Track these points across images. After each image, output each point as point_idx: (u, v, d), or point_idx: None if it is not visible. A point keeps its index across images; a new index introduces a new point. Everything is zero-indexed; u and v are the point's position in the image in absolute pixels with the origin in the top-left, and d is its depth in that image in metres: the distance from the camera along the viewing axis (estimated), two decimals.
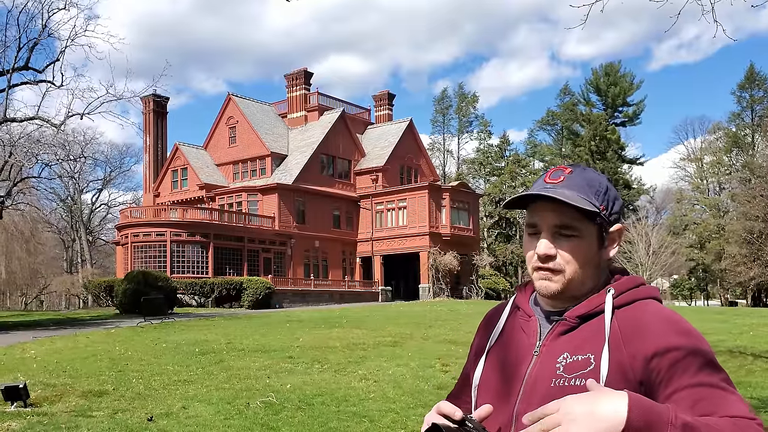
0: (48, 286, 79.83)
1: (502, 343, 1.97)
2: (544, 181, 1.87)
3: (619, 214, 1.89)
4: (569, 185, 1.83)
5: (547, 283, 1.84)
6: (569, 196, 1.79)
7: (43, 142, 31.48)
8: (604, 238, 1.86)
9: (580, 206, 1.77)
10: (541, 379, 1.81)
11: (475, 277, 62.66)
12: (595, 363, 1.74)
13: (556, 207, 1.80)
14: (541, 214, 1.85)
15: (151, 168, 67.04)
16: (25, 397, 11.01)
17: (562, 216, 1.82)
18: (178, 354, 18.38)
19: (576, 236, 1.82)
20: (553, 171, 1.89)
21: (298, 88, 67.83)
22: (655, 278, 76.52)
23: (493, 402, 1.86)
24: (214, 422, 9.87)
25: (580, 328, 1.83)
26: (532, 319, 1.93)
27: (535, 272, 1.87)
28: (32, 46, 32.11)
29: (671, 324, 1.75)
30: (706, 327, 25.23)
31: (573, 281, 1.83)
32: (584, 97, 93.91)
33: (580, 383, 1.71)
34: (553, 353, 1.82)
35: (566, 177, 1.85)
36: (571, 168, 1.89)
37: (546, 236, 1.84)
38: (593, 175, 1.88)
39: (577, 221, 1.81)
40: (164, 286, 40.59)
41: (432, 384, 13.18)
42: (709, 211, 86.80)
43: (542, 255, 1.83)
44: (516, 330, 1.96)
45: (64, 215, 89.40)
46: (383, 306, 46.58)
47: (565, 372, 1.77)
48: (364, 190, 64.26)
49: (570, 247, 1.83)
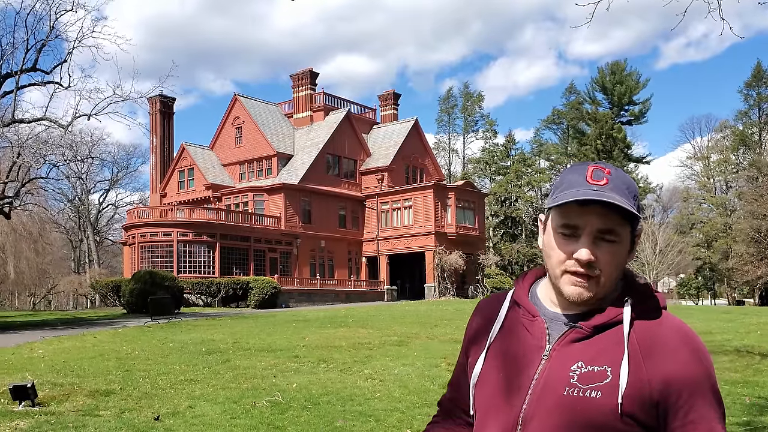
0: (56, 286, 80.00)
1: (503, 339, 1.91)
2: (587, 182, 1.76)
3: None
4: (614, 188, 1.74)
5: (581, 290, 1.77)
6: (621, 200, 1.72)
7: (51, 142, 31.57)
8: (634, 241, 1.82)
9: (633, 211, 1.73)
10: (552, 385, 1.76)
11: (480, 276, 62.61)
12: (613, 376, 1.70)
13: (603, 211, 1.73)
14: (585, 218, 1.75)
15: (157, 168, 67.18)
16: (33, 396, 11.06)
17: (607, 220, 1.74)
18: (184, 353, 18.43)
19: (617, 242, 1.76)
20: (593, 170, 1.78)
21: (303, 88, 67.88)
22: (662, 277, 76.49)
23: (493, 400, 1.85)
24: (220, 421, 9.90)
25: (596, 337, 1.77)
26: (537, 320, 1.87)
27: (565, 275, 1.78)
28: (40, 48, 32.24)
29: (691, 345, 1.75)
30: (713, 326, 25.18)
31: (604, 288, 1.78)
32: (590, 96, 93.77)
33: (596, 395, 1.70)
34: (566, 360, 1.77)
35: (609, 179, 1.75)
36: (608, 168, 1.79)
37: (587, 240, 1.75)
38: (628, 177, 1.80)
39: (620, 226, 1.76)
40: (171, 285, 40.71)
41: (438, 383, 13.19)
42: (716, 209, 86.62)
43: (585, 260, 1.74)
44: (518, 328, 1.90)
45: (72, 215, 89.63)
46: (389, 305, 46.59)
47: (579, 382, 1.72)
48: (370, 190, 64.29)
49: (610, 253, 1.76)
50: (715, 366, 1.56)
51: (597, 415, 1.69)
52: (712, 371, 1.74)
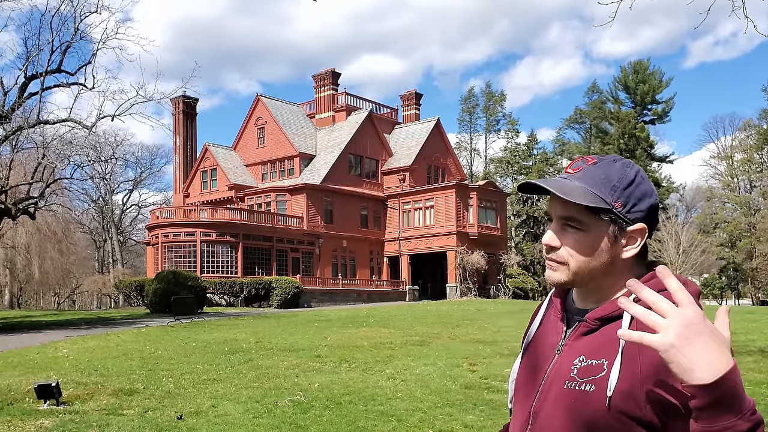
0: (80, 285, 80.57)
1: (537, 338, 1.95)
2: (565, 171, 1.85)
3: (646, 213, 1.78)
4: (582, 177, 1.78)
5: (551, 272, 1.84)
6: (569, 189, 1.75)
7: (75, 143, 31.81)
8: (617, 236, 1.77)
9: (573, 201, 1.72)
10: (557, 379, 1.77)
11: (502, 276, 62.43)
12: (607, 370, 1.67)
13: (562, 199, 1.75)
14: (552, 203, 1.83)
15: (181, 169, 67.54)
16: (57, 395, 11.16)
17: (568, 208, 1.77)
18: (207, 353, 18.53)
19: (581, 230, 1.77)
20: (577, 160, 1.84)
21: (326, 88, 67.99)
22: (686, 277, 75.74)
23: (518, 396, 1.90)
24: (242, 421, 9.95)
25: (601, 331, 1.76)
26: (560, 316, 1.91)
27: (546, 261, 1.86)
28: (65, 50, 32.53)
29: None
30: (737, 326, 24.96)
31: (579, 274, 1.79)
32: (613, 95, 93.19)
33: (590, 389, 1.68)
34: (572, 354, 1.78)
35: (585, 168, 1.80)
36: (596, 159, 1.82)
37: (554, 227, 1.82)
38: (617, 169, 1.79)
39: (583, 215, 1.76)
40: (194, 285, 40.91)
41: (459, 383, 13.18)
42: (739, 209, 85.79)
43: (546, 244, 1.83)
44: (549, 327, 1.94)
45: (96, 216, 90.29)
46: (410, 305, 46.57)
47: (578, 375, 1.72)
48: (392, 190, 64.28)
49: (573, 240, 1.79)
50: (739, 366, 1.52)
51: (590, 409, 1.67)
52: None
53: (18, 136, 31.39)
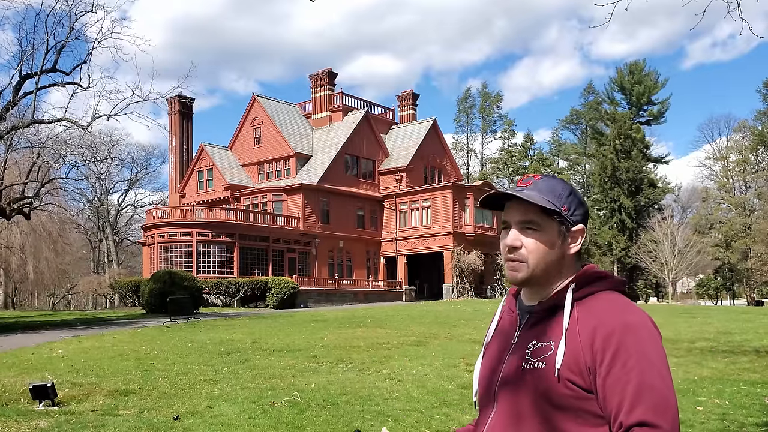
0: (75, 286, 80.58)
1: (495, 336, 2.31)
2: (517, 185, 2.23)
3: (582, 217, 2.20)
4: (533, 188, 2.17)
5: (513, 273, 2.17)
6: (532, 196, 2.13)
7: (71, 143, 31.73)
8: (565, 235, 2.17)
9: (538, 203, 2.11)
10: (515, 363, 2.12)
11: (499, 276, 62.40)
12: (554, 349, 2.04)
13: (522, 205, 2.15)
14: (510, 212, 2.19)
15: (176, 169, 67.47)
16: (52, 396, 11.13)
17: (527, 212, 2.15)
18: (203, 353, 18.50)
19: (538, 230, 2.15)
20: (525, 177, 2.24)
21: (322, 88, 67.97)
22: (681, 277, 76.05)
23: (483, 390, 2.24)
24: (239, 421, 9.93)
25: (548, 319, 2.13)
26: (514, 314, 2.28)
27: (506, 263, 2.20)
28: (60, 49, 32.42)
29: (620, 317, 2.01)
30: (733, 327, 25.01)
31: (536, 271, 2.15)
32: (608, 96, 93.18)
33: (542, 366, 2.04)
34: (525, 341, 2.14)
35: (534, 182, 2.20)
36: (540, 176, 2.23)
37: (514, 230, 2.17)
38: (559, 182, 2.21)
39: (539, 217, 2.14)
40: (190, 285, 40.87)
41: (456, 383, 13.17)
42: (734, 209, 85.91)
43: (509, 245, 2.16)
44: (505, 325, 2.30)
45: (91, 216, 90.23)
46: (407, 306, 46.57)
47: (531, 356, 2.09)
48: (388, 190, 64.27)
49: (533, 240, 2.15)
50: (734, 366, 1.53)
51: (543, 382, 2.02)
52: (641, 335, 1.97)
53: (13, 136, 31.30)
